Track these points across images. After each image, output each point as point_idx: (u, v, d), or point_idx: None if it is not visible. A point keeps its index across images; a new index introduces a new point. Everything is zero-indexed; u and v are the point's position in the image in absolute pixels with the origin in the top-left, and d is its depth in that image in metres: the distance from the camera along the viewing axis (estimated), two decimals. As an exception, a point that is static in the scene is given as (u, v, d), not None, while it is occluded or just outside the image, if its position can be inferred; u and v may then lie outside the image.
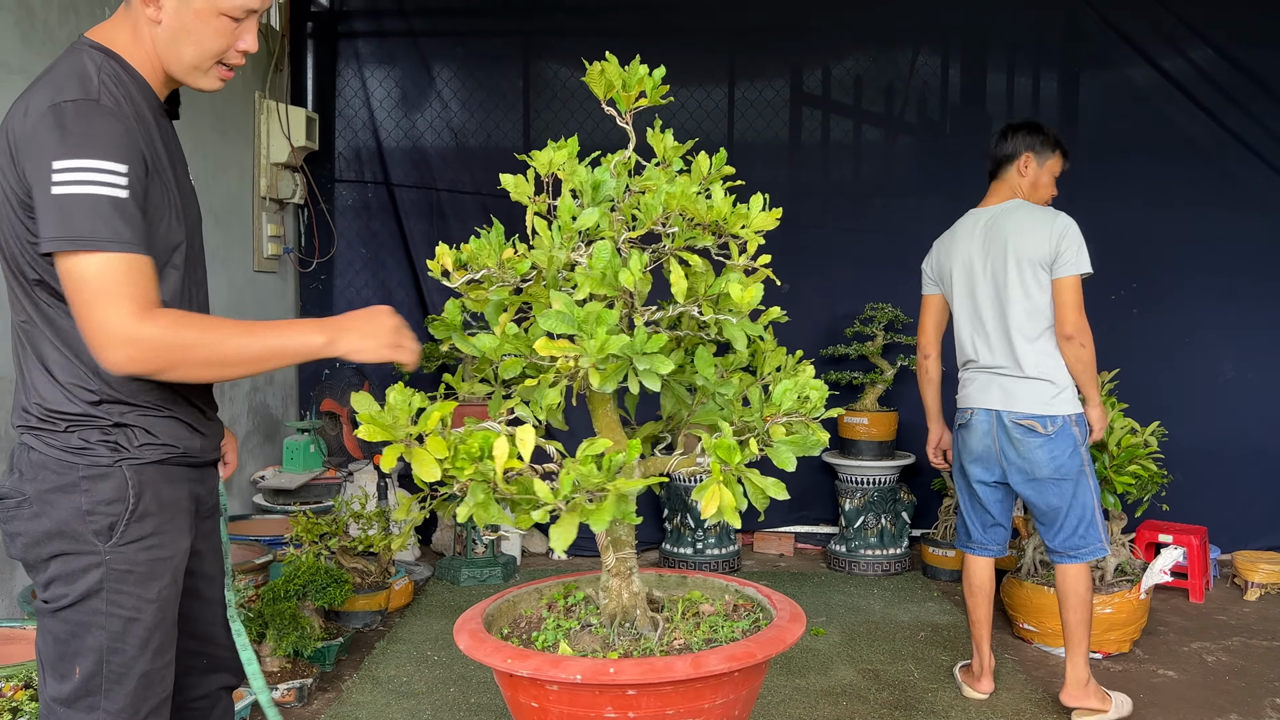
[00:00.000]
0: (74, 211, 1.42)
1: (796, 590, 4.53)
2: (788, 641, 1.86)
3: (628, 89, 1.94)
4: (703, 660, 1.75)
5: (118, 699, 1.56)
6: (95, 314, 1.44)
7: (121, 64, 1.60)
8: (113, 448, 1.56)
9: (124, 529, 1.55)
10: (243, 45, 1.65)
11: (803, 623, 1.97)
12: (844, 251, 5.18)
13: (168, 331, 1.47)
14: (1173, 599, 4.42)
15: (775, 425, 1.76)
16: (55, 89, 1.50)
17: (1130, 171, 5.12)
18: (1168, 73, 5.07)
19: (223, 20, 1.61)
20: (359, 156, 5.43)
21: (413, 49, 5.39)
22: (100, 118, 1.48)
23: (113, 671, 1.56)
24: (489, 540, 4.66)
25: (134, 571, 1.56)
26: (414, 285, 5.39)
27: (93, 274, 1.43)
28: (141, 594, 1.57)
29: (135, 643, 1.57)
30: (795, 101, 5.36)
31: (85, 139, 1.45)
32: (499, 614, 2.14)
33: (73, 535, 1.54)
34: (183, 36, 1.60)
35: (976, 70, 5.30)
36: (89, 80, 1.52)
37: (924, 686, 3.35)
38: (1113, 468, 3.59)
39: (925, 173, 5.34)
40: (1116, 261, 5.15)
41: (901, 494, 4.92)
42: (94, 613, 1.55)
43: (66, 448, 1.55)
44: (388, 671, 3.46)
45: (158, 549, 1.59)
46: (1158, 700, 3.29)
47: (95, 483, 1.54)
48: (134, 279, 1.46)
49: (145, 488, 1.57)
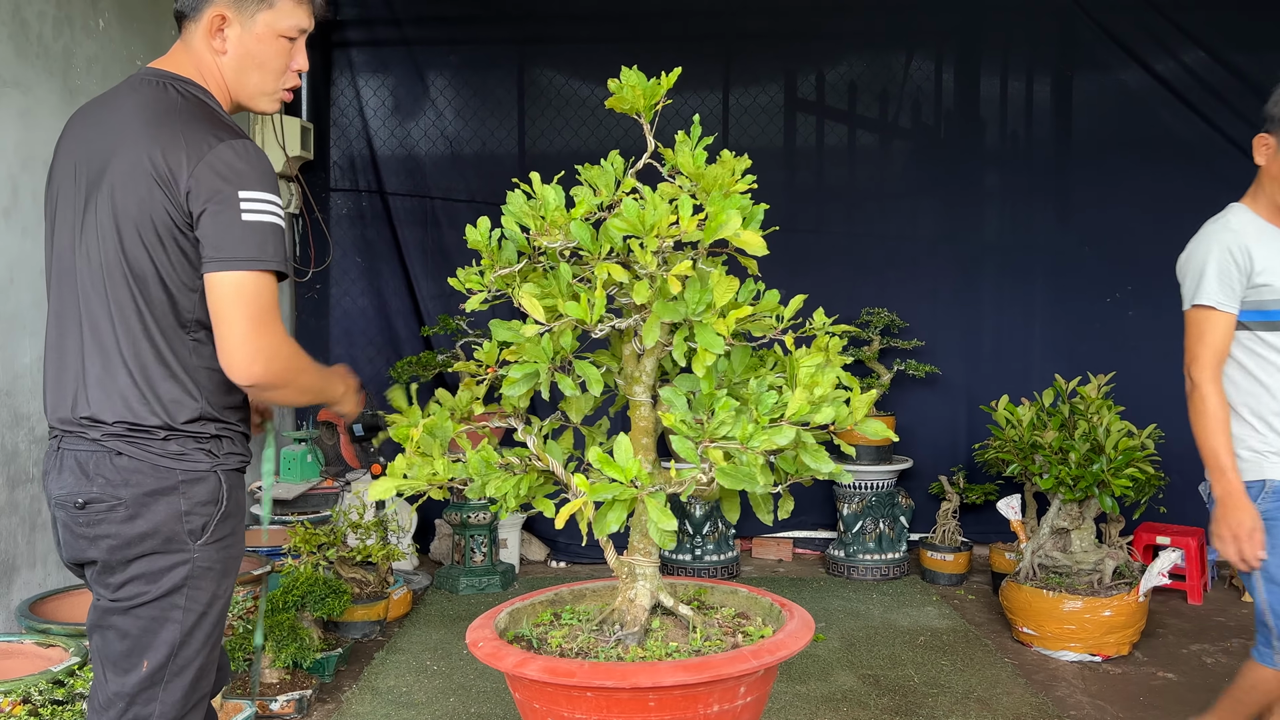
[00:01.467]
0: (260, 236, 1.60)
1: (796, 595, 4.52)
2: (802, 643, 1.89)
3: (650, 99, 1.94)
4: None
5: (175, 691, 1.68)
6: (260, 326, 1.61)
7: (213, 98, 1.72)
8: (209, 454, 1.70)
9: (214, 528, 1.69)
10: (296, 65, 1.75)
11: (811, 627, 1.99)
12: (839, 256, 5.19)
13: (295, 355, 1.68)
14: (1171, 601, 4.43)
15: (712, 448, 1.73)
16: (208, 127, 1.63)
17: (1124, 174, 5.13)
18: (1160, 76, 5.09)
19: (280, 42, 1.72)
20: (354, 165, 5.43)
21: (406, 57, 5.39)
22: (262, 157, 1.65)
23: (178, 664, 1.68)
24: (486, 549, 4.66)
25: (213, 569, 1.70)
26: (409, 293, 5.38)
27: (261, 291, 1.61)
28: (215, 590, 1.71)
29: (201, 636, 1.70)
30: (790, 107, 5.37)
31: (264, 175, 1.63)
32: (511, 625, 2.14)
33: (167, 535, 1.66)
34: (248, 63, 1.71)
35: (970, 74, 5.32)
36: (226, 116, 1.68)
37: (924, 691, 3.35)
38: (1110, 471, 3.60)
39: (920, 177, 5.35)
40: (1111, 264, 5.17)
41: (899, 498, 4.93)
42: (172, 607, 1.66)
43: (165, 453, 1.66)
44: (387, 682, 3.45)
45: (232, 547, 1.74)
46: (1158, 703, 3.29)
47: (193, 486, 1.67)
48: (276, 298, 1.65)
49: (232, 490, 1.73)
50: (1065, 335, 5.19)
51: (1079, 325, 5.18)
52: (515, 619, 2.18)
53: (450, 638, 3.92)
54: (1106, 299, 5.18)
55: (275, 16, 1.69)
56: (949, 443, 5.23)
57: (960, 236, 5.31)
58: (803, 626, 1.95)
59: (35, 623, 2.91)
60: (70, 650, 2.83)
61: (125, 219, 1.64)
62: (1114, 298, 5.17)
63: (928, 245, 5.33)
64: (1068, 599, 3.63)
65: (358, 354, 5.42)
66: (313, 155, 5.21)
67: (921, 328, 5.18)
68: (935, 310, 5.25)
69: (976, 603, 4.46)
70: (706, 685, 1.74)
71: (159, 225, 1.62)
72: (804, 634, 1.92)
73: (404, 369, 4.92)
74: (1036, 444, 3.82)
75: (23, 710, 2.40)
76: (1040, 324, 5.24)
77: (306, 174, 5.30)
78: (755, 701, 1.87)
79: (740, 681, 1.79)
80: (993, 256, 5.28)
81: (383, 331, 5.43)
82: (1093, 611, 3.60)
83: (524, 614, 2.20)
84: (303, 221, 5.33)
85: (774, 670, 1.92)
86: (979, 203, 5.34)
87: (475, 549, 4.64)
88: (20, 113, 3.25)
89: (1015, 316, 5.25)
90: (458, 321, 4.89)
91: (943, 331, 5.23)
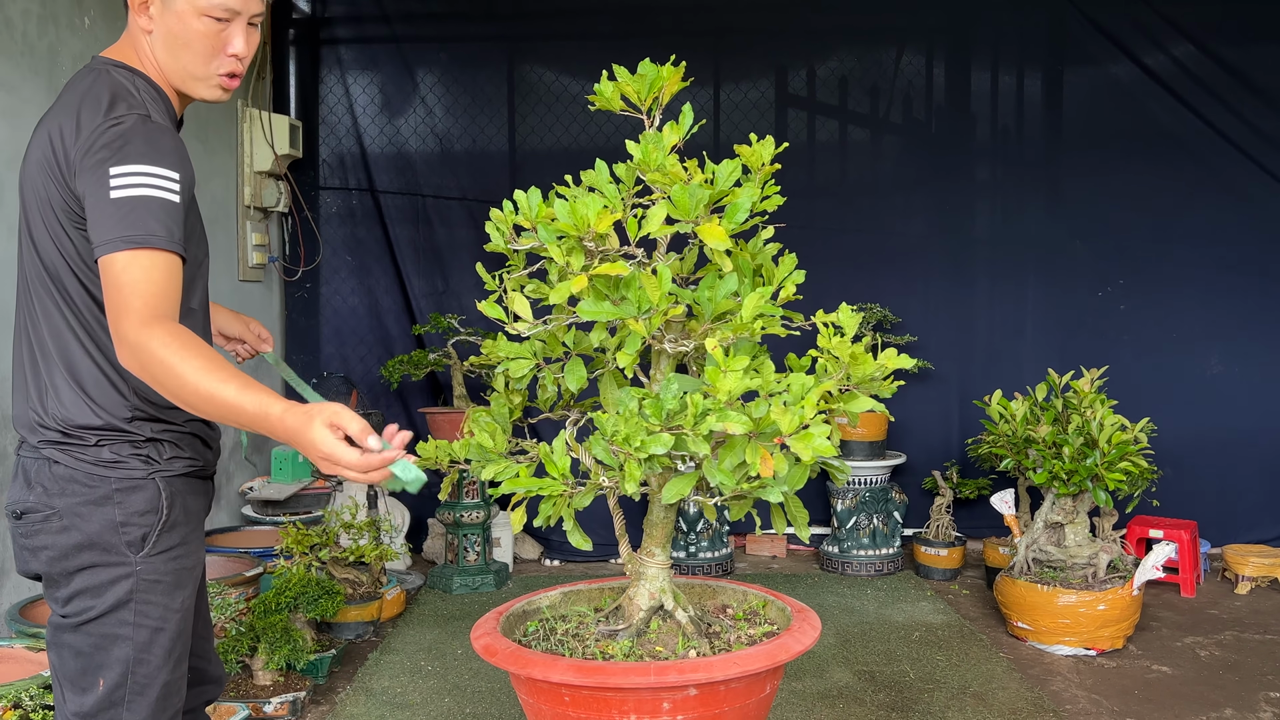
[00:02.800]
0: (131, 212, 1.45)
1: (790, 591, 4.52)
2: (809, 642, 1.89)
3: (655, 90, 1.92)
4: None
5: (140, 710, 1.58)
6: (131, 308, 1.44)
7: (148, 80, 1.63)
8: (145, 460, 1.59)
9: (156, 539, 1.58)
10: (231, 49, 1.63)
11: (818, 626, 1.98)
12: (830, 252, 5.18)
13: (164, 346, 1.43)
14: (1164, 594, 4.44)
15: (631, 459, 1.69)
16: (104, 106, 1.53)
17: (1116, 168, 5.14)
18: (1150, 69, 5.10)
19: (205, 21, 1.59)
20: (343, 163, 5.40)
21: (395, 54, 5.36)
22: (155, 130, 1.52)
23: (137, 683, 1.58)
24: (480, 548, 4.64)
25: (162, 581, 1.59)
26: (400, 291, 5.36)
27: (141, 273, 1.45)
28: (168, 604, 1.60)
29: (160, 653, 1.59)
30: (780, 102, 5.36)
31: (142, 148, 1.48)
32: (517, 622, 2.12)
33: (104, 547, 1.56)
34: (173, 43, 1.60)
35: (961, 69, 5.32)
36: (134, 96, 1.56)
37: (920, 687, 3.35)
38: (1104, 465, 3.60)
39: (911, 171, 5.35)
40: (1103, 258, 5.18)
41: (893, 494, 4.93)
42: (121, 624, 1.57)
43: (98, 461, 1.57)
44: (381, 683, 3.44)
45: (184, 559, 1.62)
46: (1153, 696, 3.30)
47: (128, 495, 1.57)
48: (174, 283, 1.48)
49: (175, 498, 1.61)
50: (1057, 329, 5.20)
51: (1071, 319, 5.19)
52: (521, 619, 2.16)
53: (444, 638, 3.90)
54: (1098, 293, 5.19)
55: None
56: (942, 438, 5.24)
57: (952, 231, 5.31)
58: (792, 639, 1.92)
59: (26, 627, 2.88)
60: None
61: (34, 212, 1.59)
62: (1106, 291, 5.18)
63: (919, 240, 5.33)
64: (1062, 593, 3.63)
65: (349, 353, 5.39)
66: (302, 153, 5.18)
67: (914, 323, 5.18)
68: (927, 305, 5.25)
69: (971, 597, 4.46)
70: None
71: (60, 214, 1.55)
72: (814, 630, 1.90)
73: (395, 367, 4.90)
74: (1030, 439, 3.82)
75: (14, 715, 2.38)
76: (1032, 318, 5.25)
77: (296, 172, 5.27)
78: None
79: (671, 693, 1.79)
80: (984, 251, 5.29)
81: (374, 330, 5.40)
82: (1087, 606, 3.61)
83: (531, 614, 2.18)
84: (292, 220, 5.30)
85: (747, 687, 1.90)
86: (970, 197, 5.34)
87: (469, 548, 4.62)
88: (4, 112, 3.21)
89: (1007, 311, 5.26)
90: (449, 320, 4.87)
91: (935, 326, 5.23)
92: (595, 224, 1.75)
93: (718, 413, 1.65)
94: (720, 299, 1.77)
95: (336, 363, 5.37)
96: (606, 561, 5.07)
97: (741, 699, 1.79)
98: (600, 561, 5.09)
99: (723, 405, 1.67)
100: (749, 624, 2.04)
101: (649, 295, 1.74)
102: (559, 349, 2.00)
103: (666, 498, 1.75)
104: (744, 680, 1.77)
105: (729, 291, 1.78)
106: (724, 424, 1.65)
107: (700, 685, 1.73)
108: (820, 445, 1.60)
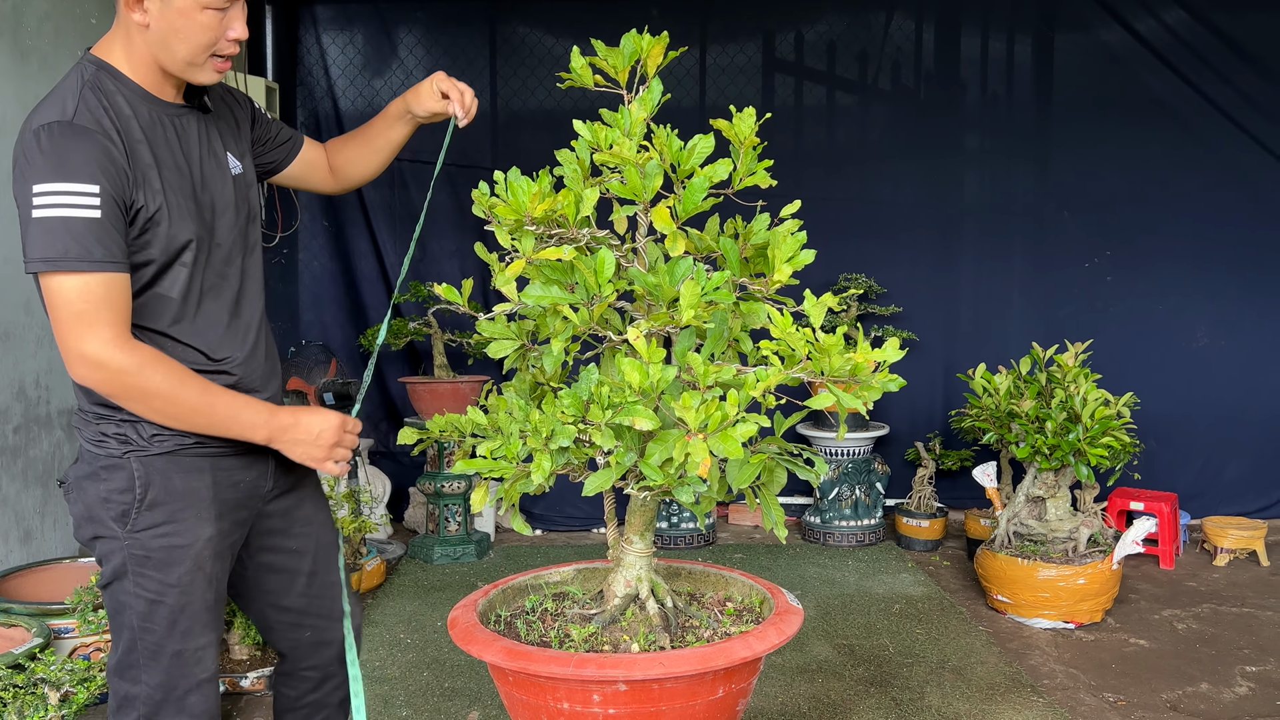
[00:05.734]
0: (49, 234, 1.49)
1: (772, 562, 4.52)
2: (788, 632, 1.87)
3: (632, 61, 1.84)
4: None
5: (155, 674, 1.68)
6: (69, 332, 1.52)
7: (112, 73, 1.64)
8: (122, 440, 1.65)
9: (135, 517, 1.65)
10: (233, 34, 1.66)
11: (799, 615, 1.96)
12: (817, 220, 5.06)
13: (138, 372, 1.54)
14: (1144, 565, 4.46)
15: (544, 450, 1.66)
16: (40, 113, 1.57)
17: (1105, 137, 5.08)
18: (1141, 35, 5.02)
19: (207, 13, 1.61)
20: (319, 125, 5.29)
21: (373, 15, 5.23)
22: (74, 139, 1.53)
23: (146, 649, 1.68)
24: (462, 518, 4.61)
25: (151, 557, 1.66)
26: (375, 256, 5.28)
27: (66, 294, 1.51)
28: (162, 579, 1.66)
29: (162, 624, 1.67)
30: (768, 68, 5.26)
31: (60, 163, 1.51)
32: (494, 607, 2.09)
33: (98, 520, 1.67)
34: (171, 35, 1.61)
35: (950, 34, 5.22)
36: (68, 100, 1.58)
37: (899, 661, 3.35)
38: (1086, 440, 3.59)
39: (899, 140, 5.28)
40: (1090, 228, 5.14)
41: (875, 465, 4.92)
42: (124, 592, 1.68)
43: (92, 440, 1.67)
44: (359, 656, 3.41)
45: (173, 536, 1.67)
46: (1130, 670, 3.31)
47: (110, 473, 1.66)
48: (107, 298, 1.52)
49: (153, 478, 1.66)
50: (1044, 300, 5.17)
51: (1058, 290, 5.16)
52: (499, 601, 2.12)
53: (424, 609, 3.88)
54: (1085, 264, 5.15)
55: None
56: (926, 409, 5.23)
57: (939, 200, 5.25)
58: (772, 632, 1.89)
59: (-9, 603, 2.84)
60: (33, 631, 2.77)
61: None
62: (1093, 263, 5.14)
63: (907, 209, 5.27)
64: (1042, 567, 3.64)
65: (327, 319, 5.32)
66: (279, 116, 5.06)
67: (899, 293, 5.14)
68: (914, 275, 5.20)
69: (952, 569, 4.47)
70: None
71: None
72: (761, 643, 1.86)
73: (374, 336, 4.84)
74: (1013, 413, 3.80)
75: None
76: (1019, 289, 5.21)
77: (272, 135, 5.15)
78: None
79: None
80: (972, 221, 5.24)
81: (352, 297, 5.33)
82: (1066, 580, 3.61)
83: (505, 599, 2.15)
84: (269, 185, 5.19)
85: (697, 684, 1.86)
86: (958, 166, 5.28)
87: (450, 518, 4.60)
88: None
89: (994, 281, 5.22)
90: (429, 288, 4.80)
91: (920, 297, 5.19)
92: (530, 208, 1.70)
93: (627, 406, 1.61)
94: (670, 286, 1.71)
95: (316, 330, 5.30)
96: (589, 531, 5.06)
97: (683, 699, 1.73)
98: (583, 531, 5.07)
99: (633, 399, 1.63)
100: (735, 621, 2.01)
101: (589, 281, 1.69)
102: (549, 329, 1.94)
103: (586, 490, 1.72)
104: (682, 680, 1.73)
105: (682, 277, 1.71)
106: (631, 418, 1.61)
107: (628, 681, 1.70)
108: (731, 448, 1.57)
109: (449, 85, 1.94)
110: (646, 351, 1.65)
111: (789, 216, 1.86)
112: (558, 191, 1.78)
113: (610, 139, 1.76)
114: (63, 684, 2.42)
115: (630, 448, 1.71)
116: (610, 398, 1.64)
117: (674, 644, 1.88)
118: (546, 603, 2.09)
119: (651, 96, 1.82)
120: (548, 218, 1.73)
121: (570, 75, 1.89)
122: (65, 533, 3.57)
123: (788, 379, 1.69)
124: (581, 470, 1.80)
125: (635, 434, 1.72)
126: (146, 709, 1.68)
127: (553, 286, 1.73)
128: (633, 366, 1.64)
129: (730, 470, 1.77)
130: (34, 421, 3.39)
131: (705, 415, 1.60)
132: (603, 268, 1.71)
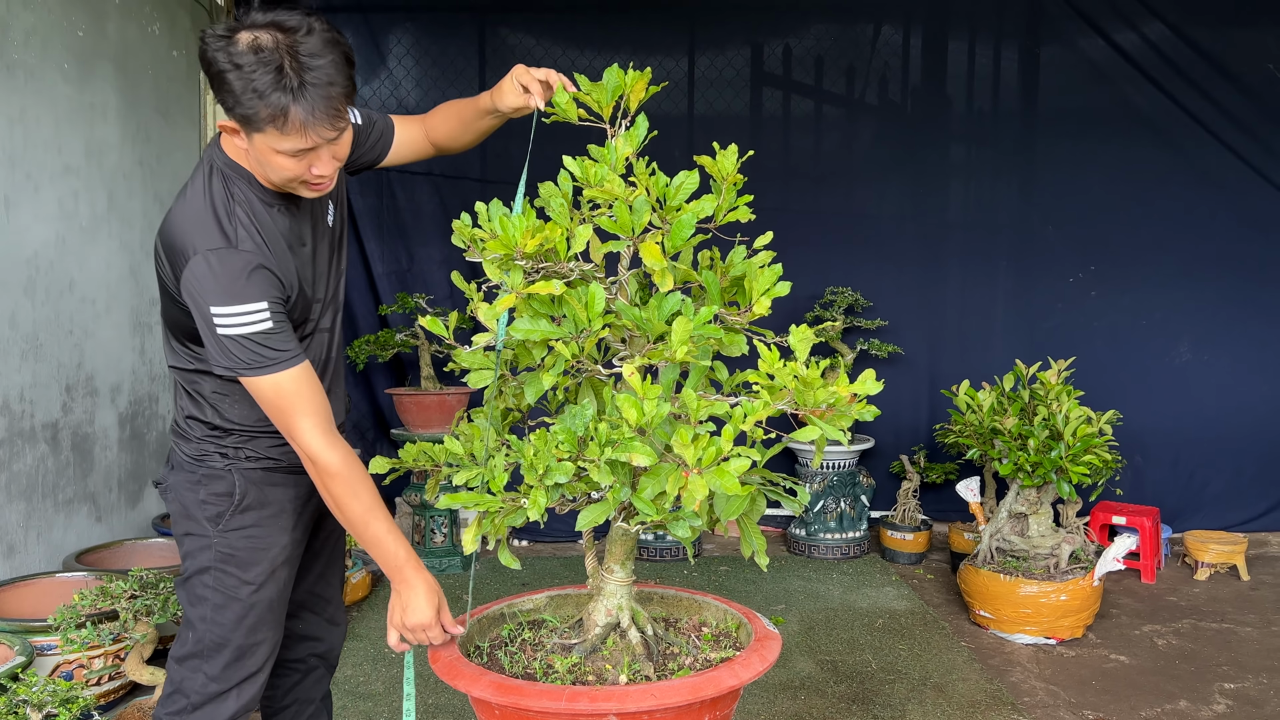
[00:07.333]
0: (233, 348, 1.72)
1: (757, 575, 4.54)
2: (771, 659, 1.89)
3: (624, 90, 1.85)
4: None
5: (216, 665, 1.88)
6: (280, 423, 1.77)
7: (244, 175, 1.80)
8: (224, 457, 1.90)
9: (229, 518, 1.88)
10: (316, 171, 1.75)
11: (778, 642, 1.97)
12: (804, 233, 5.14)
13: (333, 475, 1.76)
14: (1125, 579, 4.49)
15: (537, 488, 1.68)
16: (203, 232, 1.73)
17: (1088, 152, 5.12)
18: (1123, 49, 5.05)
19: (281, 158, 1.71)
20: (309, 135, 5.27)
21: (362, 24, 5.23)
22: (239, 265, 1.72)
23: (214, 641, 1.88)
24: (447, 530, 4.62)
25: (235, 555, 1.88)
26: (363, 265, 5.27)
27: (265, 392, 1.75)
28: (241, 576, 1.88)
29: (232, 618, 1.88)
30: (756, 80, 5.28)
31: (230, 288, 1.70)
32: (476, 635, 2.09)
33: (193, 518, 1.90)
34: (263, 164, 1.75)
35: (937, 49, 5.26)
36: (225, 222, 1.75)
37: (881, 678, 3.38)
38: (1068, 458, 3.62)
39: (885, 153, 5.31)
40: (1074, 242, 5.17)
41: (861, 477, 4.94)
42: (203, 586, 1.89)
43: (195, 455, 1.91)
44: (344, 671, 3.42)
45: (257, 539, 1.90)
46: (1110, 687, 3.34)
47: (212, 481, 1.89)
48: (297, 390, 1.75)
49: (250, 486, 1.90)
50: (1028, 316, 5.20)
51: (1042, 305, 5.19)
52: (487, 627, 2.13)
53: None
54: (1069, 279, 5.19)
55: (266, 139, 1.68)
56: (910, 422, 5.25)
57: (925, 214, 5.28)
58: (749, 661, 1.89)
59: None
60: (15, 649, 2.76)
61: (162, 277, 1.85)
62: (1077, 278, 5.18)
63: (892, 223, 5.30)
64: (1024, 583, 3.67)
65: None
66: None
67: (885, 307, 5.17)
68: (899, 289, 5.23)
69: (935, 582, 4.50)
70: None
71: (171, 291, 1.81)
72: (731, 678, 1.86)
73: (362, 348, 4.83)
74: (996, 429, 3.83)
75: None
76: (1003, 304, 5.25)
77: (260, 144, 5.14)
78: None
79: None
80: (957, 235, 5.27)
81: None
82: (1048, 596, 3.64)
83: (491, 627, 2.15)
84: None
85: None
86: (944, 179, 5.31)
87: (436, 530, 4.60)
88: None
89: (978, 296, 5.25)
90: (417, 299, 4.80)
91: (906, 311, 5.22)
92: (522, 244, 1.71)
93: (624, 443, 1.63)
94: (658, 321, 1.72)
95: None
96: (575, 543, 5.07)
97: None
98: (569, 543, 5.08)
99: (630, 435, 1.64)
100: (714, 647, 2.02)
101: (579, 316, 1.71)
102: (529, 358, 1.95)
103: (580, 525, 1.73)
104: (671, 711, 1.74)
105: (670, 312, 1.73)
106: (629, 454, 1.63)
107: (620, 714, 1.72)
108: (727, 483, 1.58)
109: (529, 79, 1.95)
110: (641, 388, 1.66)
111: (763, 248, 1.87)
112: (543, 220, 1.79)
113: (599, 176, 1.77)
114: (45, 705, 2.42)
115: (624, 483, 1.72)
116: (608, 435, 1.65)
117: (658, 673, 1.89)
118: (524, 632, 2.09)
119: (637, 133, 1.83)
120: (538, 253, 1.75)
121: (555, 109, 1.90)
122: (49, 547, 3.57)
123: (774, 411, 1.70)
124: (571, 502, 1.81)
125: (628, 468, 1.73)
126: (199, 698, 1.87)
127: (541, 320, 1.74)
128: (629, 403, 1.65)
129: (719, 502, 1.78)
130: (18, 436, 3.38)
131: (700, 450, 1.61)
132: (593, 302, 1.72)
